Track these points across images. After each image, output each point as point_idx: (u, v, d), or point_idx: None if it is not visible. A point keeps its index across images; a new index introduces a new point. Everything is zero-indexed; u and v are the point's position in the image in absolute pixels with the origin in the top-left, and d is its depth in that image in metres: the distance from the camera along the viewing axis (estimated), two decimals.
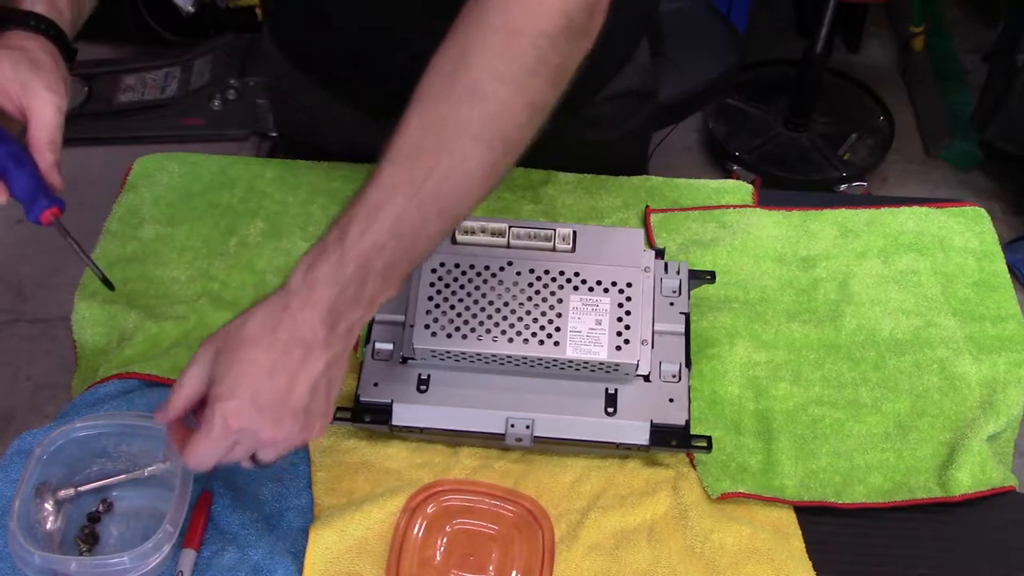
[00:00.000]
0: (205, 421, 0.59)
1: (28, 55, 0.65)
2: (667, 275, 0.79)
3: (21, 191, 0.65)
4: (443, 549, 0.72)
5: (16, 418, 1.81)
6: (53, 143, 0.65)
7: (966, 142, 2.15)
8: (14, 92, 0.63)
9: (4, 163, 0.64)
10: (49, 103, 0.65)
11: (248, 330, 0.59)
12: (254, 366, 0.58)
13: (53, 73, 0.66)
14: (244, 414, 0.58)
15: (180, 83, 2.32)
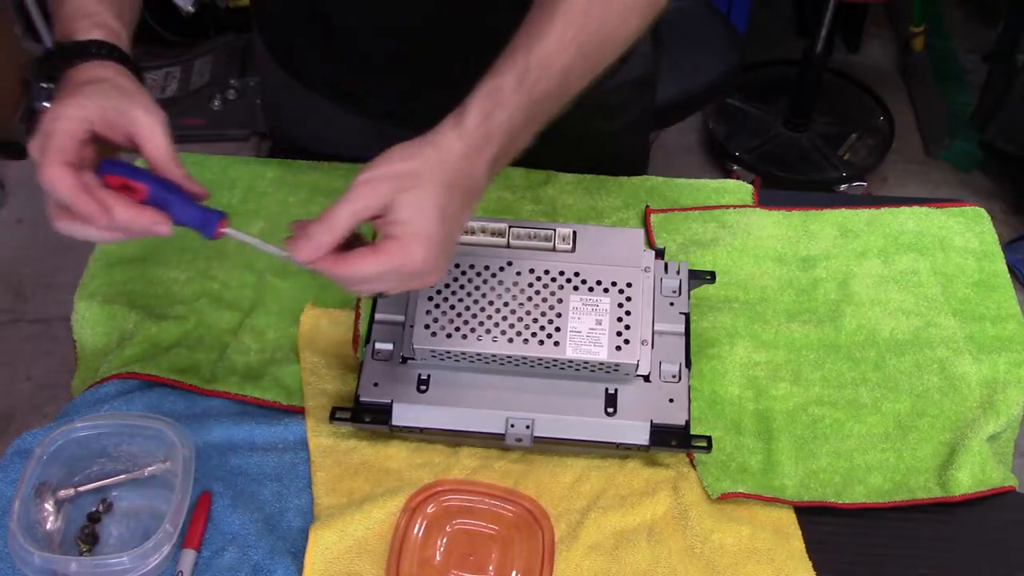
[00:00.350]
0: (381, 246, 0.61)
1: (111, 83, 0.64)
2: (667, 275, 0.79)
3: (189, 217, 0.64)
4: (443, 549, 0.72)
5: (16, 418, 1.81)
6: (175, 158, 0.64)
7: (966, 142, 2.15)
8: (118, 123, 0.62)
9: (161, 196, 0.63)
10: (155, 124, 0.63)
11: (432, 174, 0.61)
12: (440, 210, 0.61)
13: (141, 93, 0.65)
14: (422, 250, 0.61)
15: (180, 83, 2.32)
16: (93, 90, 0.62)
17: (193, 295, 0.88)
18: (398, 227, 0.61)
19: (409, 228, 0.61)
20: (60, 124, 0.60)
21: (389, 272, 0.61)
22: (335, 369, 0.81)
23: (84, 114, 0.61)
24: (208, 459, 0.76)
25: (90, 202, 0.59)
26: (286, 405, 0.79)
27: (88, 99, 0.61)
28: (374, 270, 0.61)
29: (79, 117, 0.60)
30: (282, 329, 0.85)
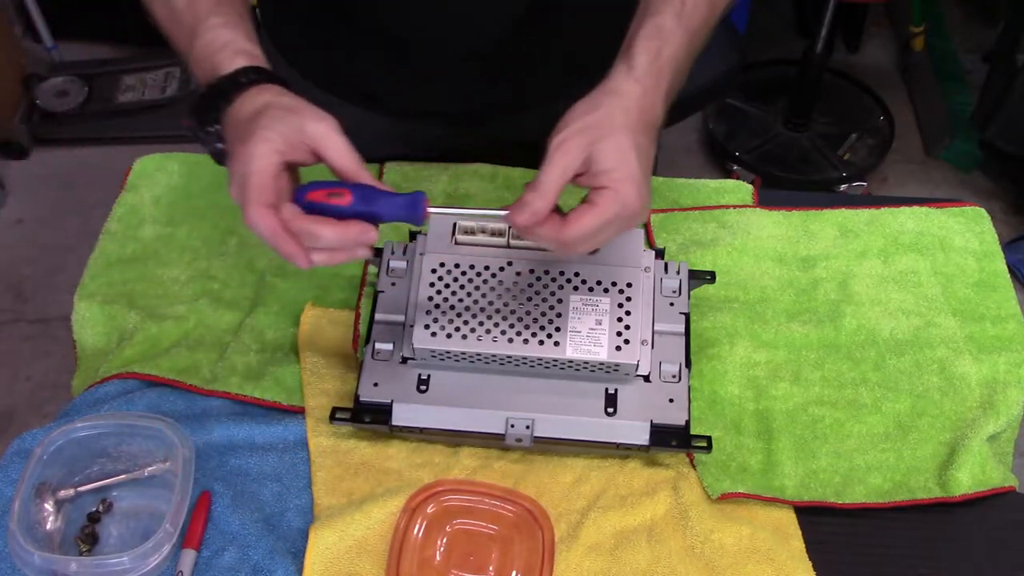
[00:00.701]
0: (597, 199, 0.62)
1: (277, 106, 0.64)
2: (667, 275, 0.79)
3: (396, 207, 0.64)
4: (443, 549, 0.72)
5: (16, 418, 1.81)
6: (358, 159, 0.64)
7: (966, 142, 2.15)
8: (299, 143, 0.63)
9: (365, 194, 0.63)
10: (329, 131, 0.63)
11: (620, 119, 0.64)
12: (637, 150, 0.63)
13: (304, 105, 0.65)
14: (634, 190, 0.62)
15: (180, 83, 2.32)
16: (268, 121, 0.63)
17: (193, 295, 0.88)
18: (605, 176, 0.62)
19: (617, 174, 0.62)
20: (255, 165, 0.61)
21: (610, 221, 0.63)
22: (335, 369, 0.81)
23: (272, 147, 0.62)
24: (208, 459, 0.76)
25: (290, 242, 0.61)
26: (286, 405, 0.79)
27: (268, 130, 0.62)
28: (597, 223, 0.63)
29: (269, 152, 0.61)
30: (282, 329, 0.85)
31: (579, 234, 0.63)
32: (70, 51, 2.44)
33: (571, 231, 0.63)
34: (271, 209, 0.61)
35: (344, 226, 0.62)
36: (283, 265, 0.90)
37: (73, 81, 2.32)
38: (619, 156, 0.63)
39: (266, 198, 0.61)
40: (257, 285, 0.89)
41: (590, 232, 0.63)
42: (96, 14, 2.44)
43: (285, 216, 0.61)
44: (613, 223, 0.63)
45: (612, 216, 0.63)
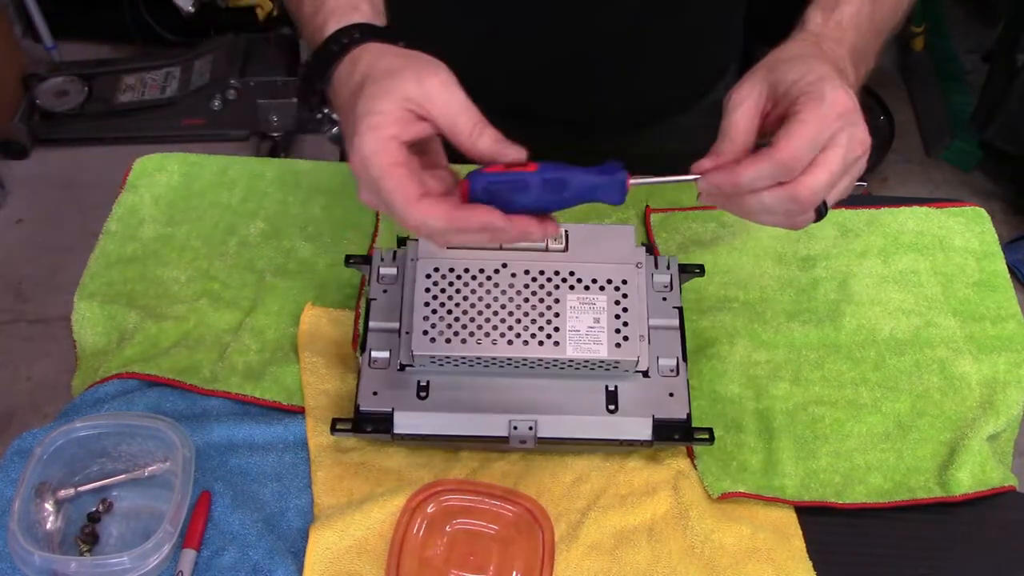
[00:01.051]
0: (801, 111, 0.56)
1: (375, 75, 0.56)
2: (657, 270, 0.79)
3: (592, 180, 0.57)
4: (443, 549, 0.72)
5: (16, 418, 1.81)
6: (477, 119, 0.56)
7: (966, 142, 2.15)
8: (408, 115, 0.55)
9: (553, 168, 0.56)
10: (438, 89, 0.55)
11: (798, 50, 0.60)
12: (829, 65, 0.58)
13: (407, 63, 0.57)
14: (841, 89, 0.56)
15: (180, 83, 2.32)
16: (368, 101, 0.55)
17: (193, 295, 0.88)
18: (795, 86, 0.56)
19: (810, 76, 0.56)
20: (377, 165, 0.54)
21: (825, 125, 0.55)
22: (335, 369, 0.81)
23: (383, 134, 0.54)
24: (208, 459, 0.76)
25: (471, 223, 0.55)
26: (286, 405, 0.79)
27: (372, 115, 0.54)
28: (810, 132, 0.55)
29: (383, 142, 0.54)
30: (282, 329, 0.85)
31: (796, 150, 0.54)
32: (70, 51, 2.44)
33: (785, 151, 0.54)
34: (430, 199, 0.54)
35: (523, 222, 0.56)
36: (283, 265, 0.90)
37: (73, 81, 2.32)
38: (804, 66, 0.57)
39: (414, 191, 0.54)
40: (257, 285, 0.89)
41: (807, 145, 0.55)
42: (96, 14, 2.45)
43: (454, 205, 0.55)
44: (828, 126, 0.55)
45: (824, 118, 0.55)
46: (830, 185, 0.57)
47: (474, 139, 0.56)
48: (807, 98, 0.56)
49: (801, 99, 0.56)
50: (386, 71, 0.56)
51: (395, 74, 0.56)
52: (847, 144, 0.57)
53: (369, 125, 0.55)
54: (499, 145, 0.57)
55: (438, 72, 0.56)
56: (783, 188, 0.57)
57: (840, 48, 0.62)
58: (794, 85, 0.57)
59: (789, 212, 0.59)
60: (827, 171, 0.57)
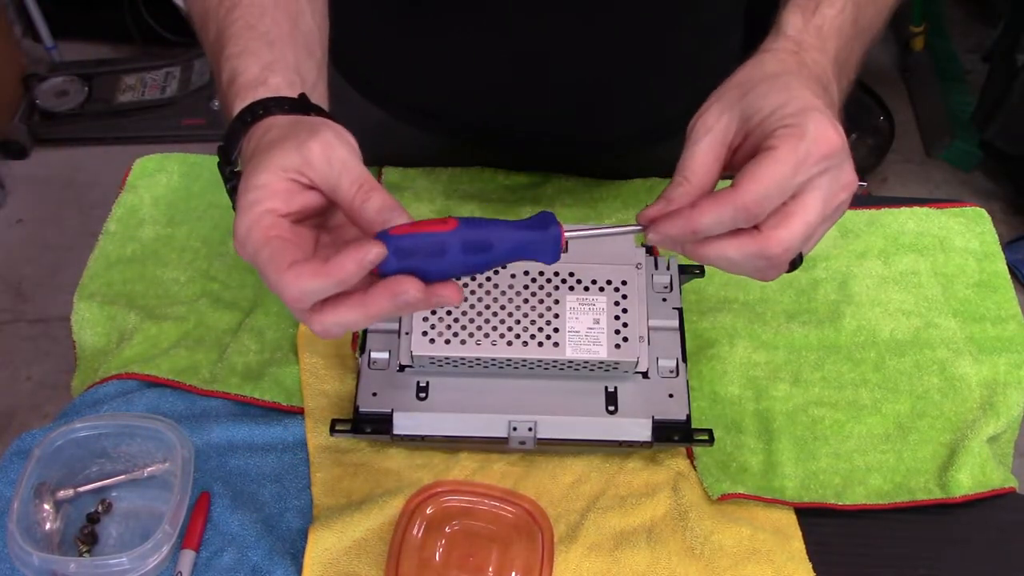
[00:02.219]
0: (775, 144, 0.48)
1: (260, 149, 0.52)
2: (657, 271, 0.79)
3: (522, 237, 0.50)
4: (442, 550, 0.71)
5: (16, 418, 1.81)
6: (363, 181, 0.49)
7: (966, 142, 2.15)
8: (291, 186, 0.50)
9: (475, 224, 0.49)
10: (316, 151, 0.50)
11: (773, 66, 0.52)
12: (808, 90, 0.50)
13: (293, 131, 0.52)
14: (827, 122, 0.48)
15: (180, 83, 2.32)
16: (248, 179, 0.50)
17: (193, 295, 0.88)
18: (774, 117, 0.48)
19: (790, 107, 0.48)
20: (252, 237, 0.49)
21: (801, 163, 0.47)
22: (334, 370, 0.81)
23: (263, 208, 0.49)
24: (207, 460, 0.76)
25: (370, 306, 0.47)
26: (286, 406, 0.79)
27: (253, 191, 0.49)
28: (783, 170, 0.46)
29: (259, 217, 0.49)
30: (282, 329, 0.85)
31: (761, 194, 0.46)
32: (70, 51, 2.44)
33: (748, 194, 0.46)
34: (304, 264, 0.47)
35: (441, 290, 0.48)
36: None
37: (73, 81, 2.33)
38: (785, 92, 0.49)
39: (285, 258, 0.48)
40: (257, 285, 0.89)
41: (776, 187, 0.46)
42: (96, 14, 2.45)
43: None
44: (806, 169, 0.47)
45: (802, 155, 0.47)
46: (806, 237, 0.50)
47: (358, 204, 0.49)
48: (786, 132, 0.48)
49: (779, 132, 0.48)
50: (269, 143, 0.51)
51: (277, 144, 0.51)
52: (828, 188, 0.50)
53: (246, 203, 0.49)
54: (388, 212, 0.49)
55: (321, 134, 0.50)
56: (752, 241, 0.49)
57: (823, 58, 0.54)
58: (771, 116, 0.49)
59: (758, 268, 0.52)
60: (803, 222, 0.49)
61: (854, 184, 0.51)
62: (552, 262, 0.53)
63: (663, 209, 0.50)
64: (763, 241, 0.49)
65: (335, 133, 0.51)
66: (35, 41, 2.44)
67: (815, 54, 0.54)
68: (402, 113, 0.93)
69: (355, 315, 0.48)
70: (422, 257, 0.49)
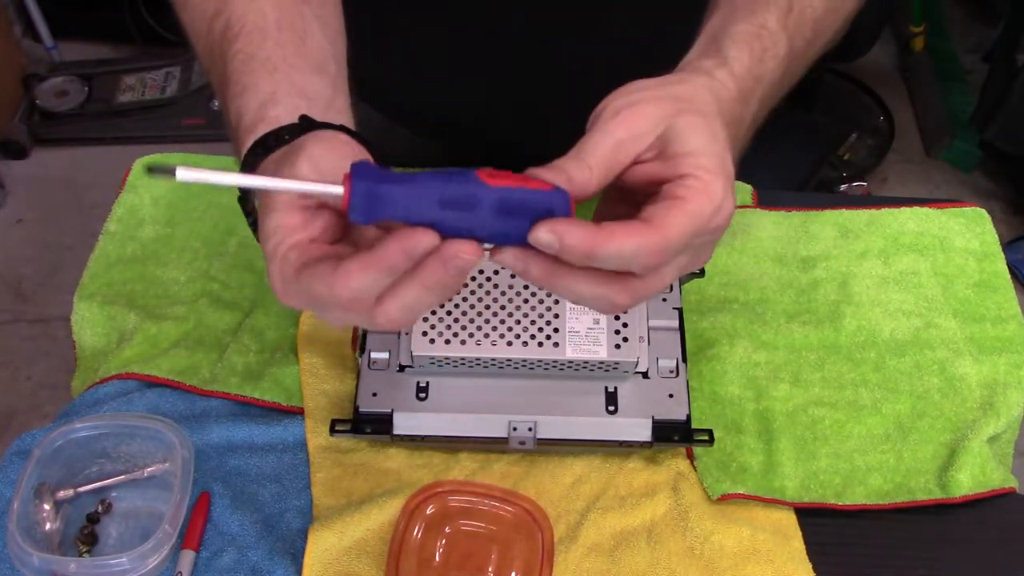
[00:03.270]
0: (685, 195, 0.45)
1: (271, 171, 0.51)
2: None
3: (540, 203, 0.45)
4: (442, 550, 0.71)
5: (16, 418, 1.81)
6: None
7: (966, 142, 2.15)
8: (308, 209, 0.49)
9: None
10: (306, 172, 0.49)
11: (710, 103, 0.49)
12: (722, 142, 0.48)
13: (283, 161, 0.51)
14: (722, 186, 0.46)
15: (180, 83, 2.32)
16: (262, 225, 0.49)
17: (193, 295, 0.88)
18: (691, 160, 0.46)
19: (707, 160, 0.46)
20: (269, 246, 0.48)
21: (697, 228, 0.45)
22: (334, 370, 0.81)
23: (287, 245, 0.48)
24: (207, 460, 0.76)
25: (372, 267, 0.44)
26: (286, 406, 0.79)
27: (272, 238, 0.48)
28: (691, 224, 0.45)
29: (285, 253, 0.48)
30: (282, 329, 0.85)
31: (679, 240, 0.45)
32: (70, 51, 2.44)
33: (674, 235, 0.45)
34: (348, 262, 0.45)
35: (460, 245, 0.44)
36: None
37: (73, 81, 2.33)
38: (710, 139, 0.47)
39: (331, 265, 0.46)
40: (257, 285, 0.89)
41: (683, 238, 0.45)
42: (96, 14, 2.45)
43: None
44: (699, 232, 0.46)
45: (706, 218, 0.46)
46: (655, 292, 0.49)
47: None
48: (699, 186, 0.46)
49: (690, 182, 0.46)
50: (301, 145, 0.50)
51: (307, 146, 0.50)
52: (693, 260, 0.49)
53: (270, 250, 0.49)
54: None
55: (307, 150, 0.49)
56: (606, 284, 0.47)
57: (747, 110, 0.52)
58: (691, 158, 0.46)
59: (599, 306, 0.49)
60: (660, 284, 0.48)
61: (722, 229, 0.48)
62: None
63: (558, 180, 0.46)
64: (618, 293, 0.47)
65: (323, 144, 0.49)
66: (35, 41, 2.43)
67: (743, 109, 0.52)
68: (401, 118, 0.93)
69: (414, 292, 0.45)
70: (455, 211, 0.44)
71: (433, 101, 0.91)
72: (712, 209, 0.46)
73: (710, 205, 0.46)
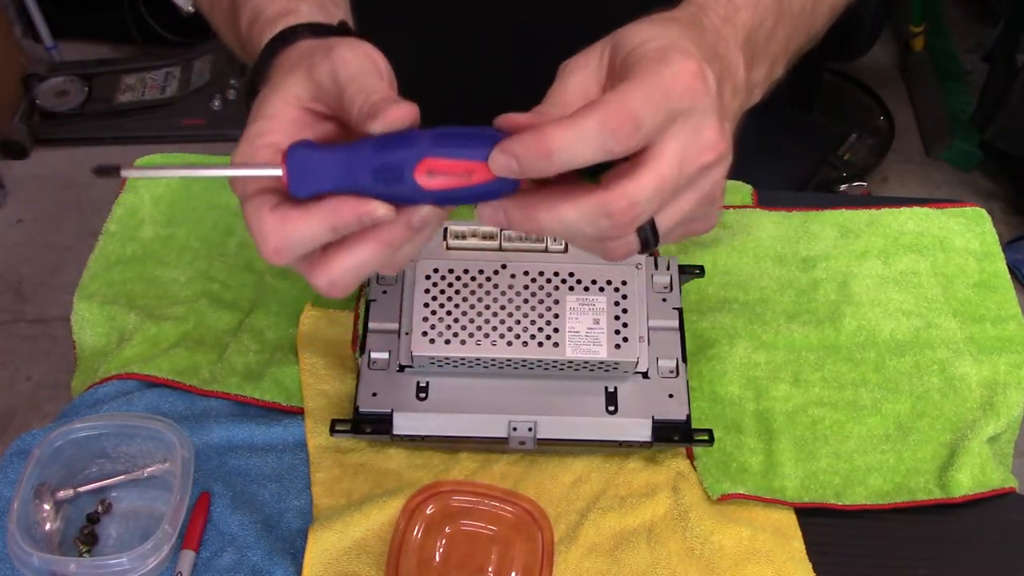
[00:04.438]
0: (630, 76, 0.41)
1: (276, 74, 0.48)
2: (657, 271, 0.79)
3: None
4: (442, 550, 0.71)
5: (16, 418, 1.81)
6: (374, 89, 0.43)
7: (966, 142, 2.15)
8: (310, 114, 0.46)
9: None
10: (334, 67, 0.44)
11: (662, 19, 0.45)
12: (689, 41, 0.43)
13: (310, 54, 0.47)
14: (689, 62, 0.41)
15: (180, 83, 2.32)
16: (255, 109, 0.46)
17: (193, 295, 0.88)
18: (638, 50, 0.42)
19: (655, 43, 0.41)
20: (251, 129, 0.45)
21: (664, 101, 0.40)
22: (334, 370, 0.81)
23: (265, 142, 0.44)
24: (207, 460, 0.76)
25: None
26: (286, 406, 0.79)
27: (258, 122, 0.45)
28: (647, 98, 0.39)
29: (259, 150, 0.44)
30: (282, 329, 0.85)
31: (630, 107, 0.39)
32: (70, 51, 2.44)
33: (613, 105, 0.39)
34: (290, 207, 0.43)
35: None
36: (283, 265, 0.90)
37: (73, 81, 2.33)
38: (657, 29, 0.43)
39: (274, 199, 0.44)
40: (257, 285, 0.89)
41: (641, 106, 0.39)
42: (96, 14, 2.45)
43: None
44: (660, 107, 0.40)
45: (659, 92, 0.40)
46: (660, 195, 0.42)
47: (362, 121, 0.43)
48: (646, 63, 0.41)
49: (639, 65, 0.41)
50: (288, 68, 0.47)
51: (292, 70, 0.46)
52: (686, 141, 0.42)
53: (249, 133, 0.45)
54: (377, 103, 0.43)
55: (336, 52, 0.45)
56: (592, 197, 0.42)
57: (727, 28, 0.48)
58: (636, 49, 0.42)
59: (600, 232, 0.43)
60: (655, 174, 0.41)
61: (720, 147, 0.43)
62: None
63: (531, 120, 0.42)
64: (604, 196, 0.42)
65: (352, 50, 0.45)
66: (35, 41, 2.43)
67: (716, 20, 0.47)
68: None
69: (367, 252, 0.43)
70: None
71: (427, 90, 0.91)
72: (667, 76, 0.40)
73: (660, 74, 0.40)
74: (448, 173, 0.42)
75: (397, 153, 0.42)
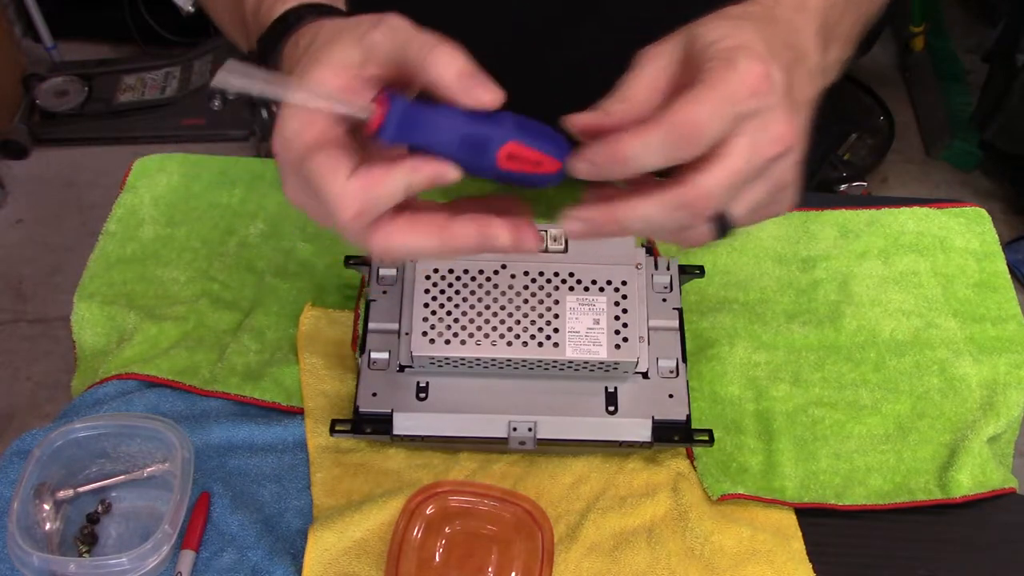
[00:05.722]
0: (704, 79, 0.43)
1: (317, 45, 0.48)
2: (657, 271, 0.79)
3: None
4: (442, 550, 0.71)
5: (16, 418, 1.81)
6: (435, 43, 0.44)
7: (966, 142, 2.15)
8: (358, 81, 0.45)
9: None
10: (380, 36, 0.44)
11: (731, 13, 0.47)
12: (756, 33, 0.45)
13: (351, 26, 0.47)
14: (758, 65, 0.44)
15: (180, 83, 2.32)
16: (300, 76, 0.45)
17: (193, 295, 0.88)
18: (711, 49, 0.44)
19: (728, 41, 0.44)
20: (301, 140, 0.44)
21: (735, 101, 0.42)
22: (334, 370, 0.81)
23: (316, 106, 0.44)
24: (207, 460, 0.76)
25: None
26: (285, 406, 0.79)
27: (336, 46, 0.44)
28: (709, 109, 0.42)
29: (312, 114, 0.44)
30: (282, 329, 0.85)
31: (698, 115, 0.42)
32: (70, 51, 2.45)
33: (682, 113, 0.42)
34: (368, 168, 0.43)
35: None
36: (283, 266, 0.90)
37: (73, 81, 2.33)
38: (730, 26, 0.44)
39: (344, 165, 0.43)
40: (257, 285, 0.89)
41: (710, 113, 0.42)
42: (96, 14, 2.45)
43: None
44: (732, 106, 0.43)
45: (730, 93, 0.42)
46: (732, 187, 0.45)
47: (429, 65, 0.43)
48: (714, 65, 0.43)
49: (708, 66, 0.44)
50: (326, 40, 0.47)
51: (336, 39, 0.46)
52: (755, 135, 0.45)
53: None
54: (469, 79, 0.44)
55: (388, 19, 0.45)
56: (671, 191, 0.45)
57: (801, 18, 0.49)
58: (708, 48, 0.44)
59: (678, 223, 0.46)
60: (726, 168, 0.44)
61: (788, 139, 0.45)
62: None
63: (597, 120, 0.45)
64: (682, 188, 0.45)
65: (401, 19, 0.46)
66: (35, 41, 2.43)
67: (788, 10, 0.49)
68: None
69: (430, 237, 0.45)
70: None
71: None
72: (736, 77, 0.43)
73: (730, 76, 0.43)
74: (522, 159, 0.46)
75: (486, 128, 0.45)
